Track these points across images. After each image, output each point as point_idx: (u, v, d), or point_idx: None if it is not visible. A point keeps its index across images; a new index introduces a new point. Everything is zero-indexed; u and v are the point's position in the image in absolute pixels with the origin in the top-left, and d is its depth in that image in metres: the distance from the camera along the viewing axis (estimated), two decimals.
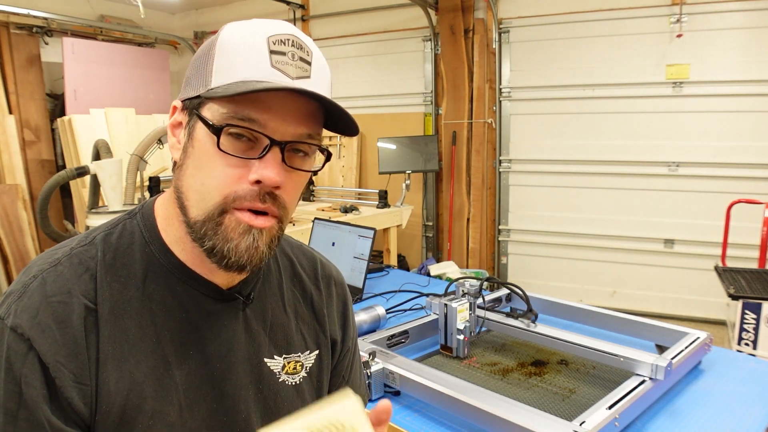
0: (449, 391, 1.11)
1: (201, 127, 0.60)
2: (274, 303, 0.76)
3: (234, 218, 0.61)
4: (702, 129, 3.80)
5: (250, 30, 0.61)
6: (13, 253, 4.26)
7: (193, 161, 0.61)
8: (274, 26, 0.62)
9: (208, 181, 0.60)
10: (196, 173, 0.61)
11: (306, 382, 0.77)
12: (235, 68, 0.59)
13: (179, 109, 0.64)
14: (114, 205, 2.88)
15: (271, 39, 0.60)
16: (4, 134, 4.48)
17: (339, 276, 0.87)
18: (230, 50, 0.60)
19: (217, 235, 0.61)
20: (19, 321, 0.57)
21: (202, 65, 0.62)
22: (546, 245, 4.45)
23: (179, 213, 0.64)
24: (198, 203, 0.61)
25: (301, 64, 0.61)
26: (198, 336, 0.67)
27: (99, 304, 0.61)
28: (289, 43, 0.61)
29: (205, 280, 0.67)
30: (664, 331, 1.47)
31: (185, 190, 0.62)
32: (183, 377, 0.65)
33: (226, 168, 0.60)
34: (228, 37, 0.61)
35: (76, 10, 4.97)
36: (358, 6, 4.97)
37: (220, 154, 0.59)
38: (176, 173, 0.64)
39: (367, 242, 1.98)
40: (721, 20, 3.66)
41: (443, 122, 4.66)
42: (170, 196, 0.67)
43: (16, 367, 0.56)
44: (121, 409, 0.60)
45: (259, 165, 0.60)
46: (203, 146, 0.60)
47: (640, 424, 1.12)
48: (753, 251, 3.09)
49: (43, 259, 0.63)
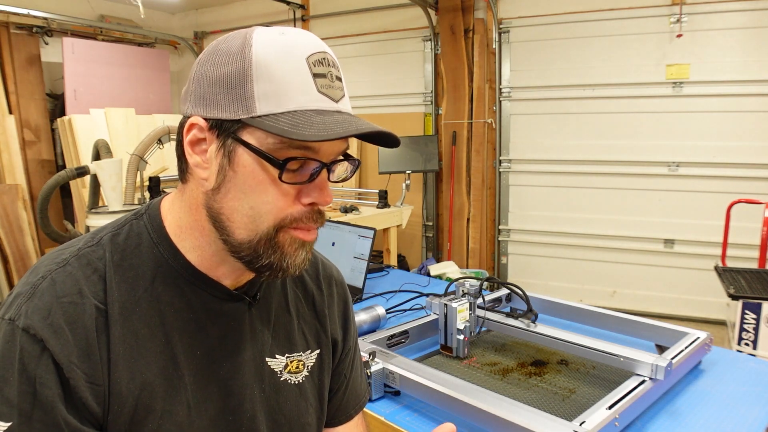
0: (449, 391, 1.11)
1: (245, 152, 0.59)
2: (277, 303, 0.76)
3: (289, 236, 0.63)
4: (702, 129, 3.80)
5: (283, 47, 0.59)
6: (13, 253, 4.26)
7: (238, 186, 0.61)
8: (307, 42, 0.61)
9: (260, 207, 0.61)
10: (243, 197, 0.61)
11: (308, 381, 0.78)
12: (284, 95, 0.58)
13: (203, 128, 0.61)
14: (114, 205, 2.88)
15: (310, 60, 0.59)
16: (4, 134, 4.48)
17: (339, 276, 0.88)
18: (272, 73, 0.58)
19: (275, 253, 0.63)
20: (31, 322, 0.57)
21: (233, 85, 0.59)
22: (546, 245, 4.45)
23: (212, 230, 0.64)
24: (247, 225, 0.62)
25: (338, 83, 0.62)
26: (205, 336, 0.67)
27: (109, 305, 0.61)
28: (326, 62, 0.61)
29: (213, 281, 0.67)
30: (664, 331, 1.47)
31: (227, 213, 0.62)
32: (191, 377, 0.65)
33: (280, 195, 0.61)
34: (264, 55, 0.58)
35: (76, 10, 4.97)
36: (358, 6, 4.97)
37: (275, 182, 0.60)
38: (208, 194, 0.63)
39: (367, 242, 1.98)
40: (721, 20, 3.66)
41: (443, 122, 4.66)
42: (188, 208, 0.66)
43: (30, 367, 0.56)
44: (133, 408, 0.60)
45: (312, 188, 0.62)
46: (252, 173, 0.60)
47: (640, 424, 1.12)
48: (753, 251, 3.09)
49: (50, 260, 0.63)
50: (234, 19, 5.82)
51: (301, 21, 5.35)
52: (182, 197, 0.67)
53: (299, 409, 0.76)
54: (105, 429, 0.60)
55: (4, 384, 0.55)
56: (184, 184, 0.66)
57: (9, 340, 0.57)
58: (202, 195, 0.64)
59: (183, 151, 0.64)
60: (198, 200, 0.64)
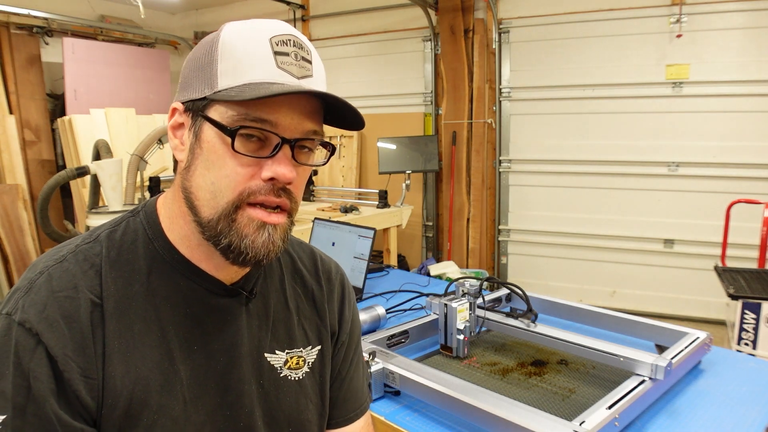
0: (449, 391, 1.11)
1: (209, 128, 0.61)
2: (276, 299, 0.76)
3: (246, 215, 0.62)
4: (702, 129, 3.80)
5: (250, 31, 0.62)
6: (13, 253, 4.26)
7: (203, 162, 0.62)
8: (273, 26, 0.63)
9: (219, 181, 0.61)
10: (206, 173, 0.62)
11: (308, 378, 0.77)
12: (243, 70, 0.60)
13: (180, 111, 0.65)
14: (114, 205, 2.88)
15: (274, 40, 0.61)
16: (5, 134, 4.48)
17: (338, 270, 0.87)
18: (234, 52, 0.61)
19: (231, 231, 0.62)
20: (27, 316, 0.58)
21: (203, 67, 0.62)
22: (546, 245, 4.45)
23: (187, 212, 0.65)
24: (209, 202, 0.62)
25: (304, 63, 0.63)
26: (202, 331, 0.67)
27: (104, 299, 0.62)
28: (290, 43, 0.62)
29: (209, 275, 0.68)
30: (664, 331, 1.47)
31: (194, 190, 0.63)
32: (187, 372, 0.65)
33: (238, 167, 0.61)
34: (229, 38, 0.62)
35: (76, 10, 4.97)
36: (358, 6, 4.97)
37: (232, 154, 0.60)
38: (182, 174, 0.65)
39: (367, 242, 1.98)
40: (721, 20, 3.66)
41: (443, 122, 4.66)
42: (173, 196, 0.67)
43: (25, 361, 0.56)
44: (127, 403, 0.61)
45: (272, 163, 0.61)
46: (213, 147, 0.61)
47: (640, 424, 1.12)
48: (753, 251, 3.09)
49: (49, 256, 0.64)
50: (234, 19, 5.79)
51: (302, 21, 5.35)
52: (172, 189, 0.68)
53: (299, 406, 0.76)
54: (99, 423, 0.60)
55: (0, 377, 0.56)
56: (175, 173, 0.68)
57: (5, 334, 0.57)
58: (179, 177, 0.66)
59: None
60: (178, 184, 0.66)
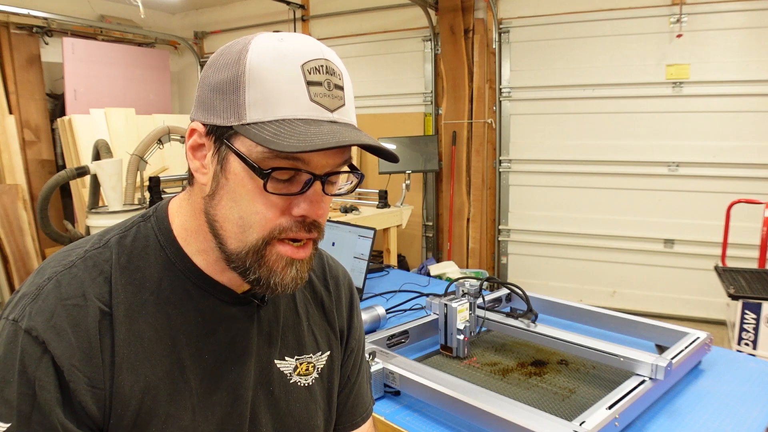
0: (449, 391, 1.11)
1: (236, 160, 0.58)
2: (285, 305, 0.76)
3: (276, 251, 0.61)
4: (702, 129, 3.80)
5: (279, 53, 0.57)
6: (13, 253, 4.26)
7: (229, 193, 0.60)
8: (304, 49, 0.59)
9: (249, 217, 0.59)
10: (234, 206, 0.60)
11: (317, 384, 0.77)
12: (274, 102, 0.56)
13: (201, 133, 0.61)
14: (114, 205, 2.88)
15: (306, 67, 0.57)
16: (4, 134, 4.48)
17: (346, 275, 0.88)
18: (264, 81, 0.56)
19: (261, 267, 0.61)
20: (34, 323, 0.57)
21: (228, 92, 0.58)
22: (546, 245, 4.45)
23: (210, 237, 0.63)
24: (237, 235, 0.60)
25: (336, 92, 0.60)
26: (213, 340, 0.66)
27: (114, 307, 0.61)
28: (323, 70, 0.59)
29: (220, 284, 0.67)
30: (664, 331, 1.47)
31: (220, 220, 0.61)
32: (197, 381, 0.65)
33: (268, 205, 0.59)
34: (257, 62, 0.57)
35: (76, 10, 4.97)
36: (358, 6, 4.97)
37: (262, 192, 0.58)
38: (205, 200, 0.63)
39: (367, 242, 1.98)
40: (721, 20, 3.66)
41: (443, 122, 4.66)
42: (192, 212, 0.66)
43: (30, 369, 0.55)
44: (136, 412, 0.60)
45: (302, 200, 0.60)
46: (241, 181, 0.59)
47: (640, 424, 1.12)
48: (753, 251, 3.09)
49: (57, 261, 0.63)
50: (234, 19, 5.82)
51: (301, 21, 5.35)
52: (189, 200, 0.66)
53: (308, 412, 0.75)
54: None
55: (4, 385, 0.55)
56: (192, 186, 0.66)
57: (12, 341, 0.57)
58: (201, 200, 0.64)
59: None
60: (199, 205, 0.64)
